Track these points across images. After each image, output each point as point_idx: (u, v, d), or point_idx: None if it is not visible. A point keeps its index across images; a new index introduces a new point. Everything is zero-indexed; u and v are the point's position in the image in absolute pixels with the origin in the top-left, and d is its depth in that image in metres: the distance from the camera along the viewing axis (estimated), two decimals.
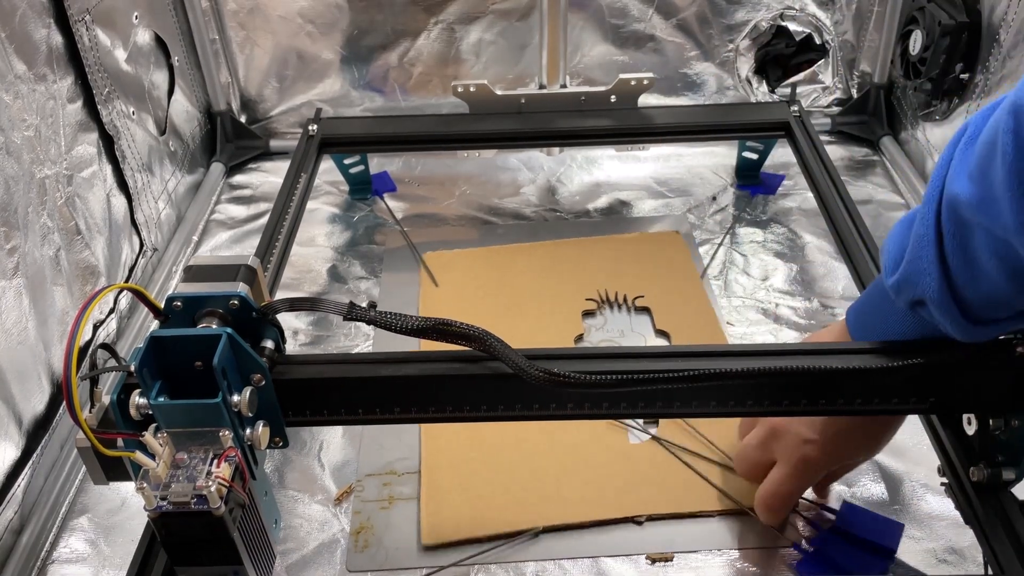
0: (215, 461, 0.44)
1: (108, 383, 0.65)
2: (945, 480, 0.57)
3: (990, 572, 0.52)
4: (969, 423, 0.54)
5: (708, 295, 0.87)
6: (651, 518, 0.66)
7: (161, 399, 0.44)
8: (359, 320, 0.48)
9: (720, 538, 0.64)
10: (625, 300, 0.87)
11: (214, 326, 0.46)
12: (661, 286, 0.89)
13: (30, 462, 0.68)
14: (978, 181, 0.41)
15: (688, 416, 0.52)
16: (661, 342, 0.83)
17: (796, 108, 0.96)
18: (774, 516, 0.62)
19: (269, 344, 0.49)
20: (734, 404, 0.52)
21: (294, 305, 0.49)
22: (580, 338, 0.83)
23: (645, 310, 0.86)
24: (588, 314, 0.86)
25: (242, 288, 0.47)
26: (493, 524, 0.65)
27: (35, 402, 0.69)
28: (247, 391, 0.46)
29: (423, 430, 0.73)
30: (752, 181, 1.05)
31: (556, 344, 0.81)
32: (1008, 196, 0.38)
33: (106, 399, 0.47)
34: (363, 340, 0.85)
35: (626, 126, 0.96)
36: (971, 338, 0.48)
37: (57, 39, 0.77)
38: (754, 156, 1.04)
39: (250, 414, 0.46)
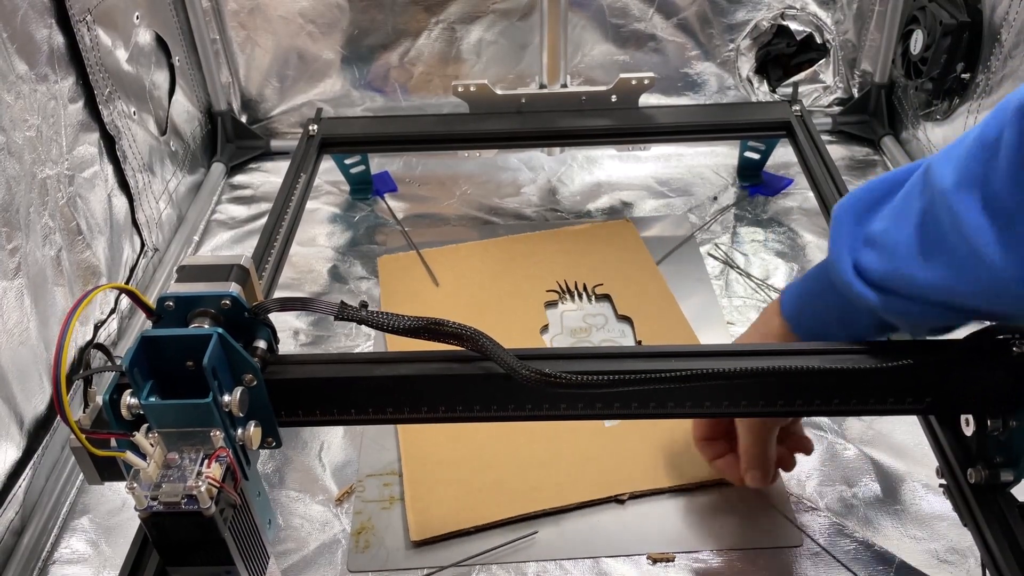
0: (206, 461, 0.44)
1: (105, 383, 0.65)
2: (943, 482, 0.57)
3: (987, 575, 0.52)
4: (967, 424, 0.54)
5: (665, 279, 0.88)
6: (633, 496, 0.67)
7: (152, 399, 0.44)
8: (350, 320, 0.48)
9: (721, 538, 0.64)
10: (585, 288, 0.88)
11: (206, 326, 0.46)
12: (618, 273, 0.90)
13: (31, 463, 0.68)
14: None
15: (681, 416, 0.52)
16: (624, 327, 0.84)
17: (798, 108, 0.95)
18: (757, 476, 0.61)
19: (262, 344, 0.49)
20: (728, 404, 0.51)
21: (285, 305, 0.49)
22: (545, 329, 0.84)
23: (606, 297, 0.87)
24: (550, 305, 0.87)
25: (234, 288, 0.47)
26: (480, 515, 0.65)
27: (36, 403, 0.70)
28: (238, 391, 0.46)
29: (400, 429, 0.73)
30: (754, 181, 1.05)
31: (522, 337, 0.82)
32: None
33: (99, 399, 0.47)
34: (364, 340, 0.85)
35: (627, 126, 0.96)
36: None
37: (58, 39, 0.78)
38: (756, 156, 1.03)
39: (241, 414, 0.46)
